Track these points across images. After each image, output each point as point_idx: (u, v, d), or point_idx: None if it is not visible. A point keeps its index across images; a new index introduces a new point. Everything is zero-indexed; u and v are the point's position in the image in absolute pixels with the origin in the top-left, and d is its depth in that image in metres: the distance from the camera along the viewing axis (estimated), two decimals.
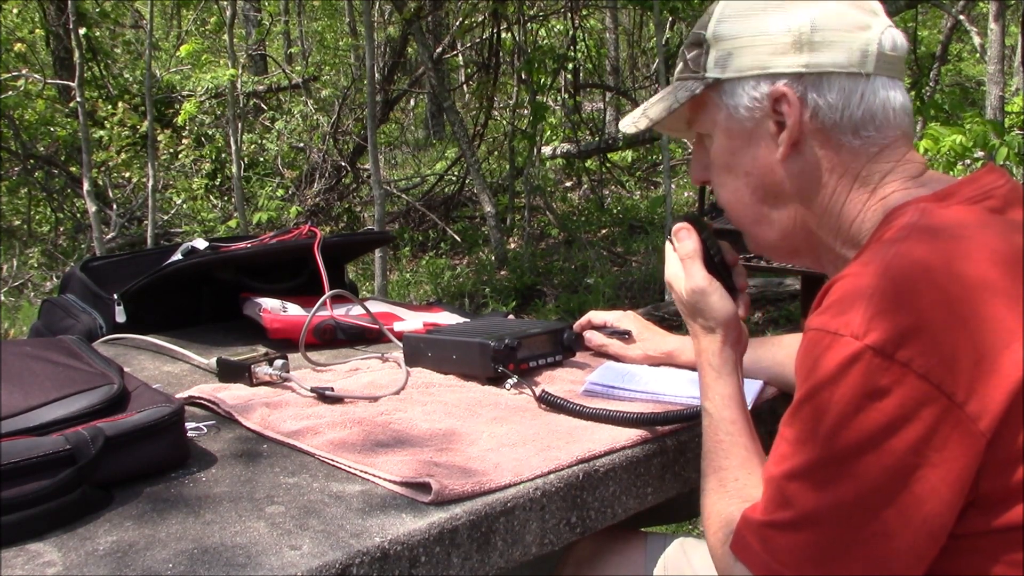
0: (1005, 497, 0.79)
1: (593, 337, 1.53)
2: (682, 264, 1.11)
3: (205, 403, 1.30)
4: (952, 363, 0.77)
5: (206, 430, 1.20)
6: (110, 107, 7.95)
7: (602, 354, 1.53)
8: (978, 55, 7.92)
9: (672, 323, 5.38)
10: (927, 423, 0.77)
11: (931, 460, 0.77)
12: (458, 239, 7.71)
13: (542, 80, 7.39)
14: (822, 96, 0.95)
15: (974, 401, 0.77)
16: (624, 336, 1.50)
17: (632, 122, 1.12)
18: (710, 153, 1.07)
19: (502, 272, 6.69)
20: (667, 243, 1.16)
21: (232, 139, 6.95)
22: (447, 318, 1.78)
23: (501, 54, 7.82)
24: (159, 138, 8.05)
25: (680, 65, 1.06)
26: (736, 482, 1.00)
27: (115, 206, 7.98)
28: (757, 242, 1.09)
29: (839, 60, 0.95)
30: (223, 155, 8.44)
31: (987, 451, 0.77)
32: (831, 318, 0.82)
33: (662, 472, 1.18)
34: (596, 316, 1.55)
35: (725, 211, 1.11)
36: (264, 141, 8.95)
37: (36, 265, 7.26)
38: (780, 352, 1.35)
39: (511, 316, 1.90)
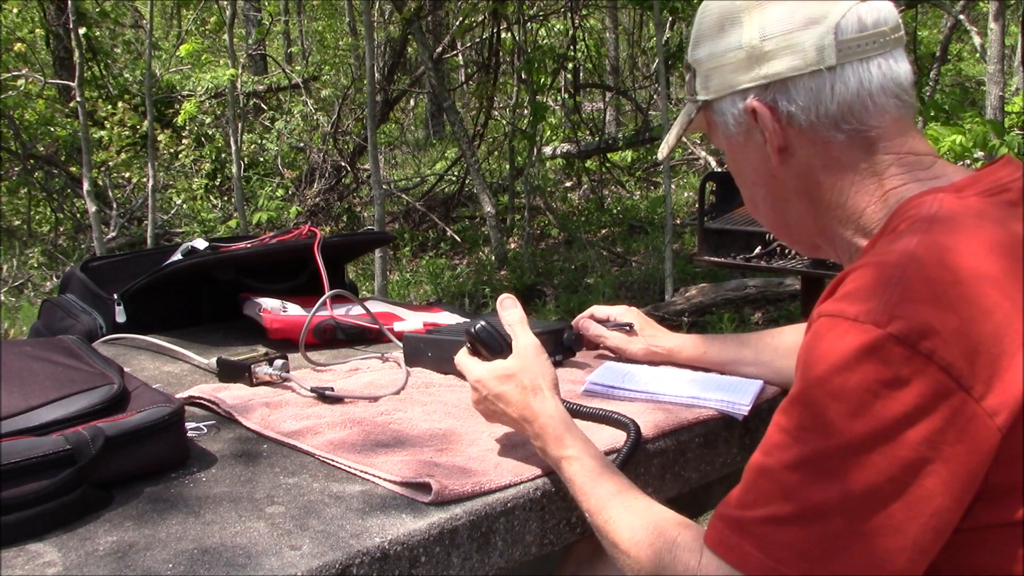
0: (1012, 489, 0.78)
1: (591, 326, 1.52)
2: (511, 327, 1.12)
3: (205, 403, 1.30)
4: (973, 357, 0.76)
5: (206, 430, 1.20)
6: (110, 107, 7.96)
7: (605, 355, 1.53)
8: (978, 55, 7.92)
9: (672, 323, 5.38)
10: (944, 416, 0.75)
11: (944, 454, 0.76)
12: (458, 239, 7.72)
13: (542, 80, 7.39)
14: (791, 101, 0.95)
15: (992, 396, 0.75)
16: (626, 329, 1.50)
17: (660, 150, 1.18)
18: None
19: (502, 272, 6.69)
20: (463, 351, 1.15)
21: (232, 139, 6.95)
22: (447, 318, 1.78)
23: (501, 54, 7.82)
24: (159, 138, 8.06)
25: (686, 88, 1.11)
26: (639, 499, 0.96)
27: (115, 206, 7.99)
28: (784, 241, 1.12)
29: (795, 64, 0.94)
30: (223, 155, 8.45)
31: (1000, 445, 0.76)
32: (849, 305, 0.80)
33: (662, 472, 1.18)
34: (598, 311, 1.55)
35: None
36: (264, 141, 8.96)
37: (36, 265, 7.26)
38: (775, 341, 1.37)
39: None
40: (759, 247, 3.14)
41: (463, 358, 1.13)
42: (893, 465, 0.76)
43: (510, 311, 1.13)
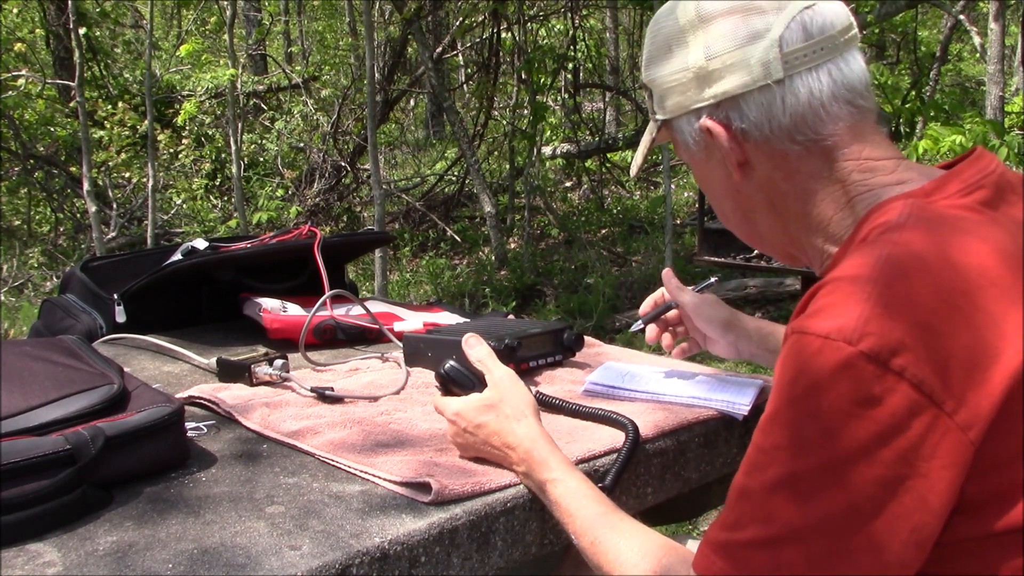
0: (990, 500, 0.78)
1: (671, 282, 1.37)
2: (482, 363, 1.14)
3: (205, 403, 1.30)
4: (944, 371, 0.75)
5: (206, 430, 1.20)
6: (110, 107, 7.96)
7: (605, 355, 1.52)
8: (978, 55, 7.92)
9: None
10: (918, 433, 0.75)
11: (920, 470, 0.75)
12: (458, 239, 7.72)
13: (542, 80, 7.39)
14: (744, 118, 0.95)
15: (964, 411, 0.75)
16: (712, 281, 1.36)
17: (631, 167, 1.19)
18: None
19: (502, 272, 6.69)
20: (436, 394, 1.17)
21: (232, 139, 6.96)
22: (447, 318, 1.78)
23: (501, 54, 7.82)
24: (159, 138, 8.06)
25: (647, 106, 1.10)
26: (623, 522, 0.96)
27: (115, 206, 7.99)
28: (760, 251, 1.12)
29: (743, 81, 0.94)
30: (223, 155, 8.45)
31: (974, 458, 0.76)
32: (820, 321, 0.79)
33: (662, 472, 1.18)
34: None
35: None
36: (264, 141, 8.96)
37: (36, 265, 7.26)
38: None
39: (511, 316, 1.90)
40: None
41: (438, 399, 1.14)
42: (870, 484, 0.76)
43: (476, 348, 1.15)
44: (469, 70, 10.38)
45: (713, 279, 1.40)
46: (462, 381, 1.13)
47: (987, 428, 0.75)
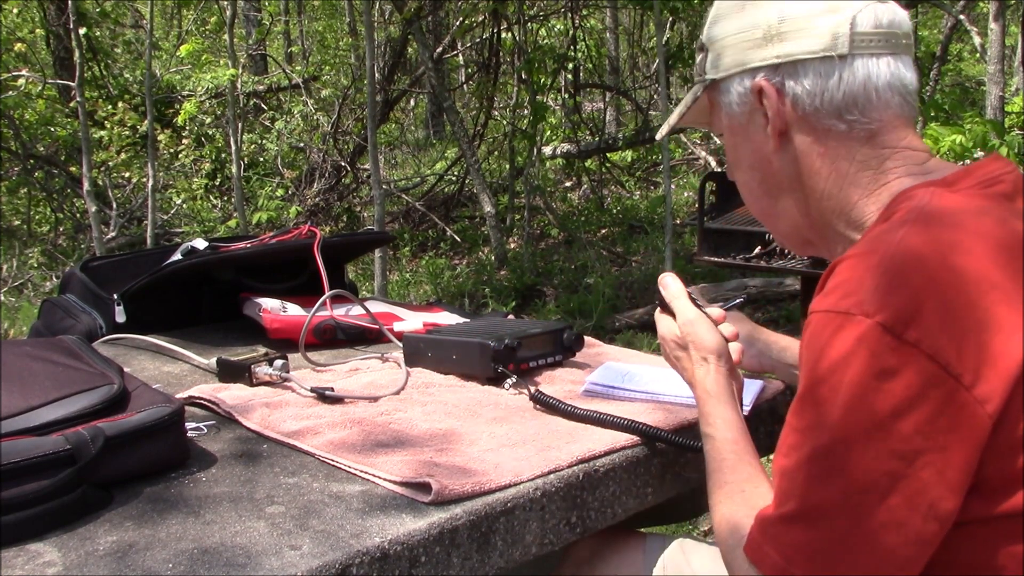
0: (1005, 484, 0.78)
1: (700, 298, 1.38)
2: (671, 304, 1.16)
3: (205, 403, 1.30)
4: (960, 344, 0.76)
5: (206, 430, 1.20)
6: (110, 107, 7.95)
7: (605, 355, 1.52)
8: (978, 55, 7.92)
9: None
10: (934, 405, 0.76)
11: (938, 443, 0.76)
12: (458, 239, 7.72)
13: (542, 80, 7.39)
14: (799, 84, 0.97)
15: (982, 384, 0.76)
16: (740, 300, 1.40)
17: (660, 130, 1.20)
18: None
19: (502, 272, 6.69)
20: (657, 310, 1.20)
21: (232, 139, 6.95)
22: (447, 318, 1.78)
23: (501, 54, 7.81)
24: (159, 138, 8.05)
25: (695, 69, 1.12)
26: (743, 493, 0.98)
27: (115, 206, 7.98)
28: (774, 235, 1.13)
29: (809, 46, 0.96)
30: (223, 155, 8.44)
31: (991, 435, 0.77)
32: (839, 299, 0.81)
33: (662, 472, 1.18)
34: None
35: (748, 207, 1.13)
36: (264, 141, 8.95)
37: (36, 265, 7.25)
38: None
39: (511, 316, 1.90)
40: (759, 247, 3.14)
41: (657, 313, 1.19)
42: (888, 458, 0.77)
43: (669, 287, 1.17)
44: (469, 70, 10.38)
45: (740, 298, 1.43)
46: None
47: (1003, 406, 0.76)
